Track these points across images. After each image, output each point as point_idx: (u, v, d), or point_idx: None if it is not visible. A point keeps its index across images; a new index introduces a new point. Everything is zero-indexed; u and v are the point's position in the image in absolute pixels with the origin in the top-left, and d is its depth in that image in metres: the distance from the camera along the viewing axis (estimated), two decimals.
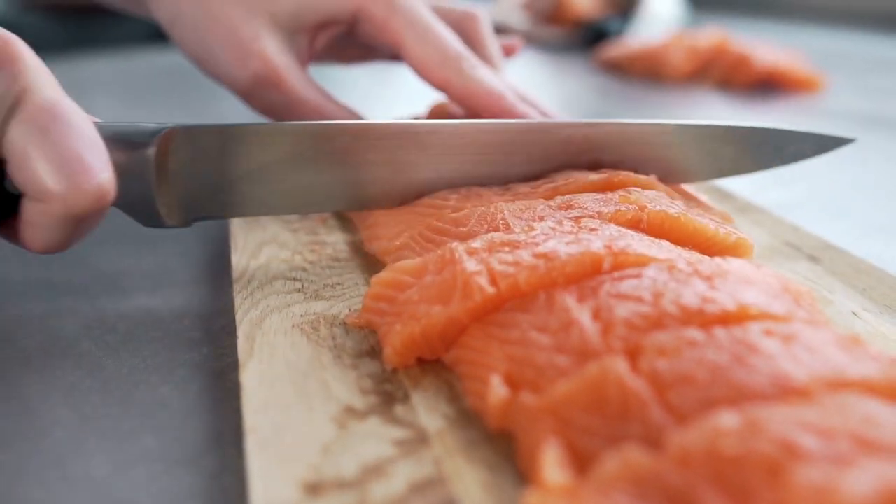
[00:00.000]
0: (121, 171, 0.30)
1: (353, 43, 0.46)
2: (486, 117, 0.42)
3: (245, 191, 0.34)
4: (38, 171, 0.26)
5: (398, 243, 0.34)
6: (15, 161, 0.27)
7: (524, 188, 0.36)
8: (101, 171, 0.27)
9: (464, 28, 0.46)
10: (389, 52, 0.46)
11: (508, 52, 0.51)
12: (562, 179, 0.35)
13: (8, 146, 0.27)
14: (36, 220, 0.27)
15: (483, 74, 0.41)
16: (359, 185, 0.35)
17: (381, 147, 0.35)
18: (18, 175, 0.27)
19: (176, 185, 0.32)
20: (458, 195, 0.35)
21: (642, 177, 0.35)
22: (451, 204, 0.35)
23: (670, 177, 0.39)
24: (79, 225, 0.28)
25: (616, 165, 0.38)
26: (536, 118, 0.42)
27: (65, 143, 0.26)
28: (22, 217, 0.28)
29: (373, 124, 0.35)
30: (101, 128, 0.30)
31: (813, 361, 0.21)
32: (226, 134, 0.33)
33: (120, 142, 0.30)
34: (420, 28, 0.41)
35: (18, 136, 0.26)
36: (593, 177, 0.35)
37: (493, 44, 0.47)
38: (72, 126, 0.27)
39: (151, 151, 0.31)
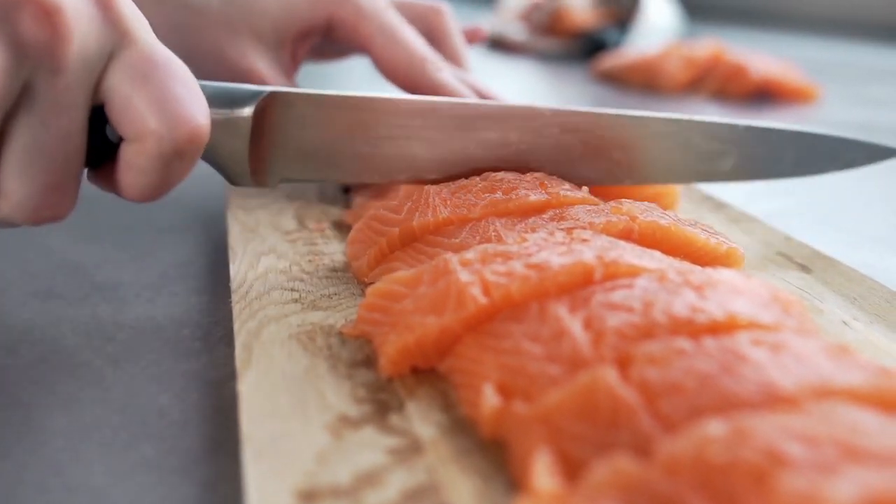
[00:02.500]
0: (218, 128, 0.31)
1: (329, 45, 0.49)
2: None
3: (335, 157, 0.35)
4: (137, 111, 0.27)
5: (363, 263, 0.34)
6: (115, 104, 0.28)
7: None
8: (197, 111, 0.28)
9: (428, 22, 0.47)
10: (361, 52, 0.48)
11: (472, 38, 0.52)
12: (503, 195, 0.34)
13: (108, 91, 0.28)
14: (133, 161, 0.28)
15: (445, 77, 0.43)
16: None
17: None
18: (118, 116, 0.28)
19: (269, 146, 0.34)
20: (399, 198, 0.36)
21: (579, 193, 0.34)
22: (394, 205, 0.35)
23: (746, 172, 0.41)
24: (172, 165, 0.28)
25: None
26: None
27: (164, 86, 0.28)
28: (120, 160, 0.29)
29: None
30: (203, 86, 0.30)
31: (800, 370, 0.22)
32: (322, 101, 0.34)
33: (220, 99, 0.32)
34: (388, 32, 0.43)
35: (120, 82, 0.27)
36: (533, 197, 0.34)
37: (457, 37, 0.49)
38: (170, 70, 0.28)
39: (249, 111, 0.33)
